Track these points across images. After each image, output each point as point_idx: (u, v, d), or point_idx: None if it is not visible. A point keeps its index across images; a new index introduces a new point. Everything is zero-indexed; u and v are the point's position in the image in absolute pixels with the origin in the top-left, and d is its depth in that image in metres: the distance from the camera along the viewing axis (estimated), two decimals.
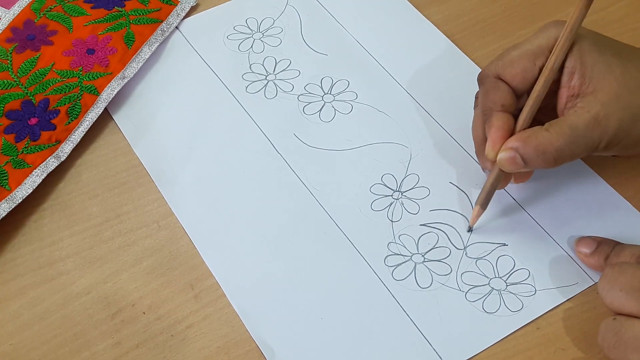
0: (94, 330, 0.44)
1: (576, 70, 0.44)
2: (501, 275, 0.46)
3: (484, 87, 0.46)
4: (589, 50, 0.44)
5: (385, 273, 0.46)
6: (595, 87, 0.43)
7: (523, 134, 0.44)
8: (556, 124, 0.43)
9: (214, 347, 0.43)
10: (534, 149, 0.43)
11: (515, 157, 0.43)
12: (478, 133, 0.48)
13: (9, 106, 0.52)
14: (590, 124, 0.43)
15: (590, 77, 0.44)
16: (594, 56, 0.44)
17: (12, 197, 0.48)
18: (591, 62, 0.44)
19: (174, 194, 0.50)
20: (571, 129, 0.43)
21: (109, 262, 0.47)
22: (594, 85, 0.43)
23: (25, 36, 0.57)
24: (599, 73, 0.43)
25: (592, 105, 0.43)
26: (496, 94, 0.45)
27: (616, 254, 0.44)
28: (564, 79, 0.45)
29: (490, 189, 0.46)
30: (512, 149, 0.43)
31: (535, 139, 0.43)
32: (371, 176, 0.51)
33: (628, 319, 0.38)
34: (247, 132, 0.53)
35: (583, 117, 0.43)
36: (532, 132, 0.43)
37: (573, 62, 0.44)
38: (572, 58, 0.44)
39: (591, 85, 0.43)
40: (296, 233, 0.48)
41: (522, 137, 0.44)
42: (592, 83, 0.43)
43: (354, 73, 0.56)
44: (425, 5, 0.61)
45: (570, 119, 0.43)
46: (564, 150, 0.43)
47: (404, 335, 0.43)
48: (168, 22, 0.59)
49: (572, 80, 0.44)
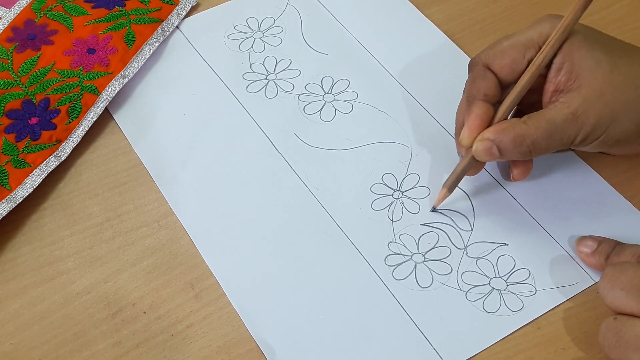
0: (95, 330, 0.44)
1: (564, 66, 0.44)
2: (502, 275, 0.46)
3: (472, 74, 0.47)
4: (579, 46, 0.44)
5: (385, 272, 0.46)
6: (581, 84, 0.44)
7: (501, 125, 0.44)
8: (534, 117, 0.44)
9: (214, 347, 0.43)
10: (511, 141, 0.43)
11: (492, 148, 0.44)
12: (460, 118, 0.48)
13: (9, 106, 0.52)
14: (567, 119, 0.43)
15: (577, 74, 0.44)
16: (583, 52, 0.44)
17: (13, 197, 0.48)
18: (579, 58, 0.44)
19: (175, 193, 0.50)
20: (548, 123, 0.43)
21: (109, 261, 0.47)
22: (579, 81, 0.44)
23: (26, 36, 0.57)
24: (586, 69, 0.44)
25: (573, 101, 0.43)
26: (482, 83, 0.46)
27: (617, 253, 0.44)
28: (551, 75, 0.45)
29: (460, 174, 0.47)
30: (489, 140, 0.44)
31: (513, 130, 0.44)
32: (372, 176, 0.51)
33: (629, 319, 0.38)
34: (247, 131, 0.53)
35: (562, 112, 0.43)
36: (510, 124, 0.44)
37: (561, 59, 0.44)
38: (561, 55, 0.45)
39: (577, 82, 0.44)
40: (296, 232, 0.48)
41: (499, 129, 0.44)
42: (578, 79, 0.44)
43: (355, 73, 0.56)
44: (426, 5, 0.61)
45: (550, 113, 0.44)
46: (540, 143, 0.43)
47: (405, 335, 0.43)
48: (168, 21, 0.59)
49: (559, 76, 0.45)
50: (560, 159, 0.51)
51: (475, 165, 0.47)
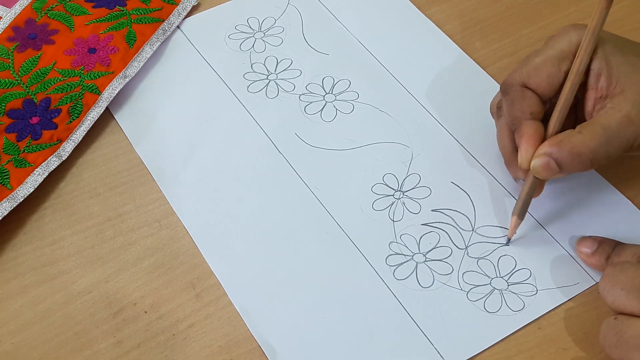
0: (96, 329, 0.44)
1: (602, 71, 0.44)
2: (502, 275, 0.46)
3: (510, 96, 0.46)
4: (612, 52, 0.44)
5: (386, 272, 0.46)
6: (623, 88, 0.43)
7: (556, 138, 0.43)
8: (588, 126, 0.43)
9: (215, 346, 0.43)
10: (569, 153, 0.43)
11: (550, 162, 0.43)
12: (506, 144, 0.47)
13: (10, 105, 0.52)
14: (622, 122, 0.42)
15: (617, 78, 0.43)
16: (618, 57, 0.44)
17: (14, 196, 0.48)
18: (616, 63, 0.44)
19: (176, 193, 0.50)
20: (604, 129, 0.43)
21: (110, 261, 0.47)
22: (621, 85, 0.43)
23: (27, 35, 0.57)
24: (625, 74, 0.43)
25: (622, 105, 0.43)
26: (524, 103, 0.45)
27: (617, 253, 0.44)
28: (591, 81, 0.44)
29: (526, 199, 0.46)
30: (546, 155, 0.43)
31: (569, 142, 0.43)
32: (372, 176, 0.51)
33: (629, 318, 0.38)
34: (248, 131, 0.53)
35: (615, 117, 0.43)
36: (565, 136, 0.43)
37: (599, 64, 0.44)
38: (597, 60, 0.44)
39: (619, 86, 0.43)
40: (297, 232, 0.48)
41: (555, 142, 0.43)
42: (620, 83, 0.43)
43: (356, 73, 0.56)
44: (427, 5, 0.61)
45: (602, 119, 0.43)
46: (598, 151, 0.43)
47: (406, 335, 0.43)
48: (169, 21, 0.59)
49: (600, 82, 0.44)
50: None
51: (539, 185, 0.46)
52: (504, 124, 0.47)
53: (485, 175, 0.50)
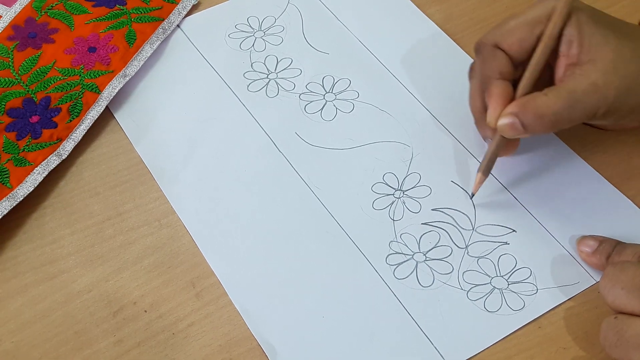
0: (96, 329, 0.44)
1: (575, 38, 0.45)
2: (503, 274, 0.46)
3: (482, 55, 0.47)
4: (586, 21, 0.45)
5: (386, 272, 0.46)
6: (594, 57, 0.44)
7: (522, 99, 0.45)
8: (554, 89, 0.44)
9: (215, 346, 0.43)
10: (533, 114, 0.44)
11: (515, 123, 0.44)
12: (476, 103, 0.48)
13: (10, 104, 0.52)
14: (588, 89, 0.43)
15: (588, 47, 0.44)
16: (591, 27, 0.44)
17: (14, 195, 0.48)
18: (589, 32, 0.44)
19: (176, 192, 0.50)
20: (569, 93, 0.43)
21: (110, 260, 0.47)
22: (592, 54, 0.44)
23: (27, 34, 0.57)
24: (596, 44, 0.44)
25: (590, 73, 0.44)
26: (494, 62, 0.46)
27: (618, 253, 0.44)
28: (563, 48, 0.45)
29: (492, 157, 0.47)
30: (512, 114, 0.44)
31: (535, 103, 0.44)
32: (373, 175, 0.51)
33: (629, 318, 0.38)
34: (248, 130, 0.53)
35: (582, 83, 0.43)
36: (531, 97, 0.44)
37: (571, 31, 0.45)
38: (571, 27, 0.45)
39: (589, 54, 0.44)
40: (297, 232, 0.48)
41: (520, 103, 0.44)
42: (591, 52, 0.44)
43: (356, 72, 0.56)
44: (427, 4, 0.61)
45: (569, 84, 0.44)
46: (561, 114, 0.43)
47: (406, 334, 0.43)
48: (169, 20, 0.59)
49: (571, 48, 0.45)
50: (562, 159, 0.51)
51: (505, 145, 0.47)
52: (476, 84, 0.48)
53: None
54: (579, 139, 0.52)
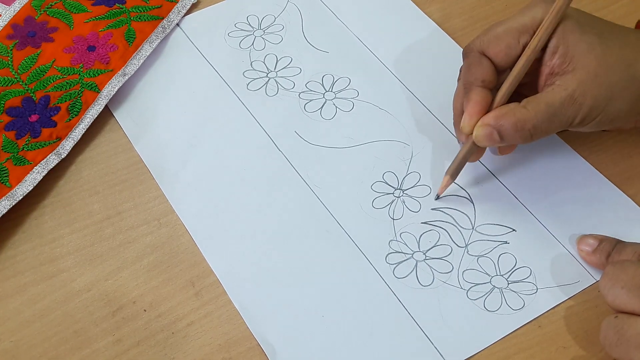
0: (95, 328, 0.44)
1: (558, 50, 0.45)
2: (503, 273, 0.46)
3: (467, 60, 0.47)
4: (572, 30, 0.45)
5: (386, 271, 0.46)
6: (575, 66, 0.44)
7: (501, 110, 0.45)
8: (533, 101, 0.44)
9: (215, 345, 0.43)
10: (512, 126, 0.44)
11: (492, 133, 0.45)
12: (457, 105, 0.49)
13: (9, 103, 0.52)
14: (566, 101, 0.44)
15: (571, 57, 0.44)
16: (576, 36, 0.45)
17: (13, 194, 0.48)
18: (573, 41, 0.45)
19: (175, 191, 0.50)
20: (547, 106, 0.44)
21: (109, 259, 0.47)
22: (574, 64, 0.44)
23: (26, 33, 0.57)
24: (579, 52, 0.44)
25: (569, 84, 0.44)
26: (478, 69, 0.46)
27: (618, 251, 0.44)
28: (546, 58, 0.46)
29: (462, 161, 0.47)
30: (489, 125, 0.45)
31: (513, 115, 0.44)
32: (372, 174, 0.50)
33: (630, 317, 0.38)
34: (248, 129, 0.53)
35: (559, 95, 0.44)
36: (510, 109, 0.45)
37: (556, 42, 0.45)
38: (555, 38, 0.45)
39: (571, 64, 0.44)
40: (297, 231, 0.48)
41: (499, 114, 0.45)
42: (573, 62, 0.44)
43: (355, 71, 0.56)
44: (426, 3, 0.61)
45: (547, 96, 0.44)
46: (540, 127, 0.44)
47: (405, 333, 0.43)
48: (169, 19, 0.59)
49: (553, 59, 0.45)
50: (562, 158, 0.51)
51: (476, 151, 0.47)
52: (461, 86, 0.49)
53: (485, 174, 0.50)
54: (579, 138, 0.52)
